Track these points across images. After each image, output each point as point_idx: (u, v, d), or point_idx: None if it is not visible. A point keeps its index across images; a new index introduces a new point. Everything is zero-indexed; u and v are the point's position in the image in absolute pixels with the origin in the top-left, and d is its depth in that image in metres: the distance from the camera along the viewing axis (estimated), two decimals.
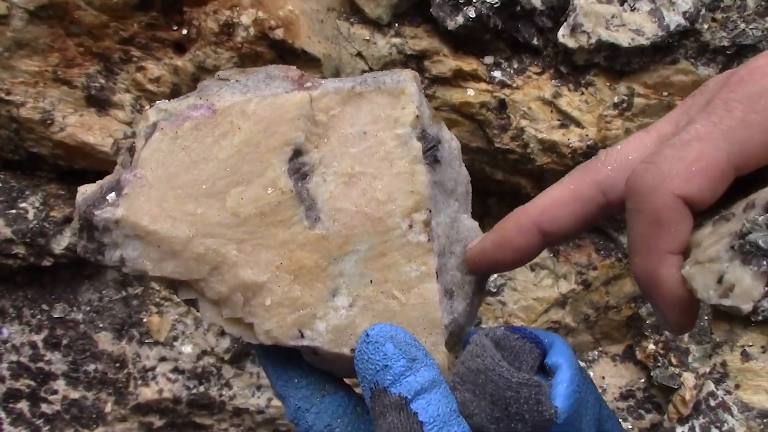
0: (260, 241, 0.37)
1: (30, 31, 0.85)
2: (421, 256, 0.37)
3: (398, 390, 0.32)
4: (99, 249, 0.38)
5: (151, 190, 0.37)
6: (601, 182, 0.35)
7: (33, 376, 0.94)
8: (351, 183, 0.37)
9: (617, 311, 1.07)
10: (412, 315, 0.37)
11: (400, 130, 0.37)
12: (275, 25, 0.86)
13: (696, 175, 0.30)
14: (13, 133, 0.89)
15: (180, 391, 0.95)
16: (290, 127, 0.37)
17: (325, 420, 0.38)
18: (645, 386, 1.08)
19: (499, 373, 0.33)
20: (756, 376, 1.04)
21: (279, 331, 0.37)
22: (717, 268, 0.30)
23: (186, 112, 0.37)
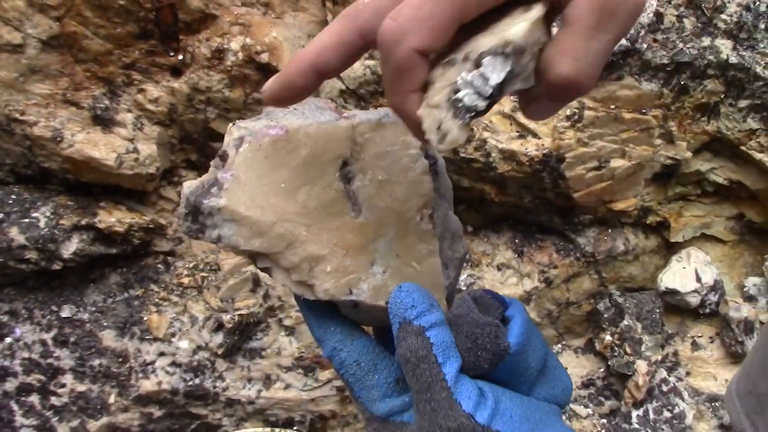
0: (322, 226, 0.49)
1: (42, 59, 0.95)
2: (429, 239, 0.50)
3: (419, 322, 0.45)
4: (201, 229, 0.49)
5: (245, 186, 0.49)
6: (360, 28, 0.42)
7: (43, 371, 1.03)
8: (381, 186, 0.50)
9: (577, 306, 1.17)
10: (424, 279, 0.50)
11: (412, 151, 0.50)
12: (261, 50, 0.96)
13: (427, 32, 0.38)
14: (26, 150, 0.99)
15: (177, 383, 1.04)
16: (341, 145, 0.50)
17: (354, 356, 0.50)
18: (604, 375, 1.17)
19: (471, 317, 0.46)
20: (705, 364, 1.14)
21: (335, 290, 0.49)
22: (438, 115, 0.39)
23: (264, 130, 0.50)
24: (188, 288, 1.07)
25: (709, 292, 1.13)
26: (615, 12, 0.38)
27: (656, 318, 1.12)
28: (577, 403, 1.15)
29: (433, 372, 0.44)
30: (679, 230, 1.15)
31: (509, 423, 0.44)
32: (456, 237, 0.53)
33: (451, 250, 0.52)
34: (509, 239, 1.15)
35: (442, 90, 0.39)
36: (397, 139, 0.50)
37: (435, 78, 0.40)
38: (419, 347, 0.44)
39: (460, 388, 0.43)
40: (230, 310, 1.06)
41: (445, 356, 0.44)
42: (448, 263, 0.52)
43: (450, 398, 0.43)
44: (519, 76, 0.38)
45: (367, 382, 0.50)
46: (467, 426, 0.42)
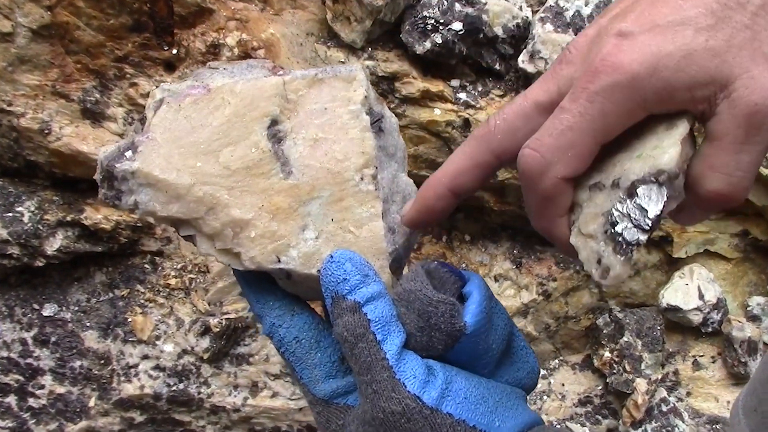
0: (246, 188, 0.47)
1: (32, 48, 0.93)
2: (370, 201, 0.47)
3: (353, 297, 0.42)
4: (117, 195, 0.47)
5: (160, 148, 0.46)
6: (494, 150, 0.43)
7: (22, 371, 1.00)
8: (315, 146, 0.47)
9: (576, 321, 1.14)
10: (364, 245, 0.47)
11: (353, 106, 0.47)
12: (257, 46, 0.94)
13: (572, 160, 0.39)
14: (12, 142, 0.96)
15: (161, 387, 1.01)
16: (268, 103, 0.47)
17: (294, 333, 0.48)
18: (602, 393, 1.13)
19: (424, 293, 0.42)
20: (706, 384, 1.10)
21: (261, 257, 0.46)
22: (596, 248, 0.38)
23: (186, 90, 0.48)
24: (175, 290, 1.04)
25: (712, 311, 1.09)
26: (763, 123, 0.36)
27: (657, 335, 1.09)
28: (573, 421, 1.12)
29: (372, 351, 0.40)
30: (682, 246, 1.12)
31: (463, 405, 0.40)
32: (407, 200, 0.50)
33: (400, 215, 0.49)
34: (508, 249, 1.11)
35: (596, 219, 0.38)
36: (336, 95, 0.48)
37: (581, 200, 0.40)
38: (355, 325, 0.41)
39: (403, 366, 0.40)
40: (218, 314, 1.03)
41: (385, 332, 0.41)
42: (395, 228, 0.48)
43: (392, 379, 0.40)
44: (672, 199, 0.37)
45: (309, 361, 0.47)
46: (413, 409, 0.39)
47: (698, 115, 0.37)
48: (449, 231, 1.12)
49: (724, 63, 0.36)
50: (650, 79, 0.37)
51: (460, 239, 1.12)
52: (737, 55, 0.36)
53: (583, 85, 0.38)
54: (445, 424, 0.39)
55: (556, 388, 1.14)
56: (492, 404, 0.42)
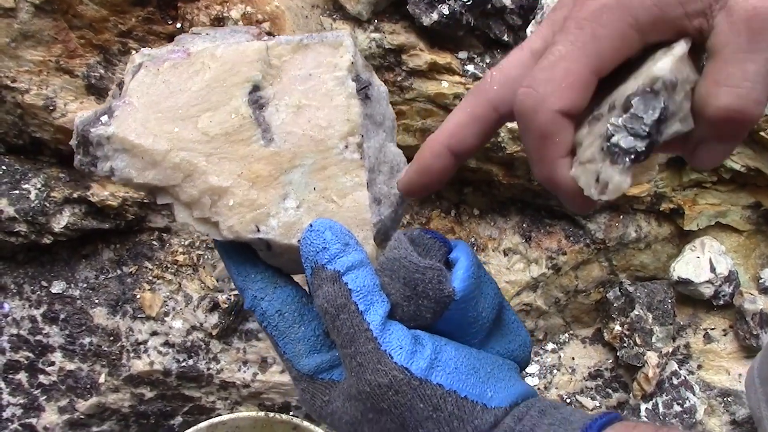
0: (225, 155, 0.45)
1: (35, 24, 0.92)
2: (354, 170, 0.45)
3: (333, 266, 0.40)
4: (92, 161, 0.45)
5: (137, 113, 0.45)
6: (492, 100, 0.41)
7: (32, 348, 1.00)
8: (299, 113, 0.45)
9: (586, 295, 1.13)
10: (347, 215, 0.45)
11: (339, 73, 0.45)
12: (262, 19, 0.92)
13: (566, 90, 0.36)
14: (17, 119, 0.96)
15: (170, 363, 1.01)
16: (250, 68, 0.45)
17: (276, 306, 0.46)
18: (612, 366, 1.13)
19: (409, 260, 0.40)
20: (717, 357, 1.10)
21: (240, 226, 0.45)
22: (593, 168, 0.36)
23: (166, 54, 0.46)
24: (183, 266, 1.04)
25: (724, 283, 1.08)
26: (764, 27, 0.33)
27: (668, 308, 1.08)
28: (584, 394, 1.11)
29: (355, 322, 0.39)
30: (693, 218, 1.11)
31: (454, 375, 0.39)
32: (395, 171, 0.48)
33: (387, 185, 0.47)
34: (517, 223, 1.11)
35: (593, 144, 0.36)
36: (322, 61, 0.46)
37: (582, 138, 0.37)
38: (336, 295, 0.40)
39: (389, 337, 0.39)
40: (226, 290, 1.02)
41: (368, 302, 0.39)
42: (381, 199, 0.47)
43: (377, 350, 0.38)
44: (675, 116, 0.35)
45: (292, 335, 0.45)
46: (401, 380, 0.37)
47: (696, 34, 0.35)
48: (457, 205, 1.11)
49: None
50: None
51: (469, 213, 1.11)
52: None
53: (573, 15, 0.37)
54: (435, 395, 0.38)
55: (566, 362, 1.13)
56: (483, 375, 0.40)
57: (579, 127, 0.38)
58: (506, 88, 0.40)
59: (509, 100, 0.39)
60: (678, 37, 0.36)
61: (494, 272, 1.08)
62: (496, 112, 0.41)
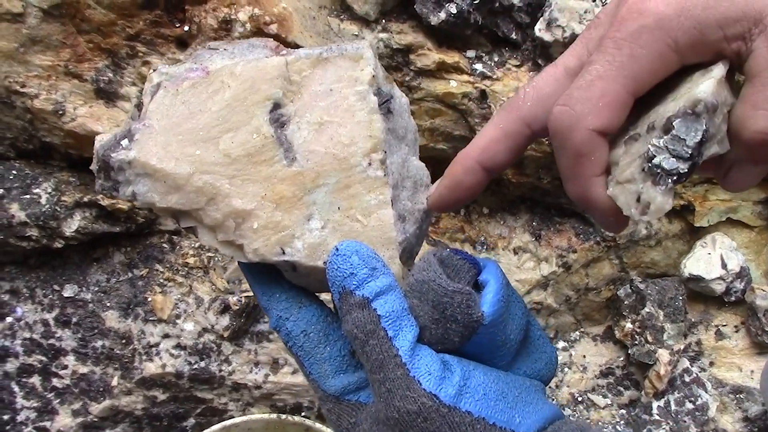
0: (248, 177, 0.44)
1: (44, 29, 0.92)
2: (378, 187, 0.44)
3: (362, 292, 0.40)
4: (114, 186, 0.45)
5: (158, 136, 0.44)
6: (525, 117, 0.41)
7: (45, 352, 1.00)
8: (321, 130, 0.45)
9: (597, 293, 1.13)
10: (372, 234, 0.45)
11: (360, 87, 0.45)
12: (270, 20, 0.92)
13: (603, 110, 0.37)
14: (27, 124, 0.96)
15: (182, 366, 1.01)
16: (270, 85, 0.44)
17: (302, 326, 0.46)
18: (624, 364, 1.13)
19: (438, 284, 0.40)
20: (729, 354, 1.09)
21: (265, 249, 0.44)
22: (634, 188, 0.36)
23: (184, 73, 0.45)
24: (194, 268, 1.04)
25: (735, 280, 1.08)
26: None
27: (679, 305, 1.08)
28: (595, 392, 1.11)
29: (384, 348, 0.38)
30: (704, 214, 1.10)
31: (482, 401, 0.38)
32: (419, 186, 0.47)
33: (411, 201, 0.47)
34: (527, 222, 1.10)
35: (632, 164, 0.36)
36: (342, 75, 0.45)
37: (617, 158, 0.38)
38: (365, 321, 0.39)
39: (418, 363, 0.38)
40: (237, 292, 1.03)
41: (396, 328, 0.39)
42: (406, 216, 0.46)
43: (406, 377, 0.38)
44: (714, 138, 0.35)
45: (318, 356, 0.45)
46: (430, 407, 0.37)
47: (733, 57, 0.35)
48: (467, 204, 1.11)
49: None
50: (679, 18, 0.35)
51: (478, 212, 1.11)
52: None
53: (610, 35, 0.37)
54: (464, 423, 0.37)
55: (577, 359, 1.13)
56: (512, 399, 0.40)
57: (614, 147, 0.38)
58: (540, 104, 0.40)
59: (542, 118, 0.40)
60: (716, 59, 0.36)
61: (505, 270, 1.08)
62: (528, 128, 0.41)
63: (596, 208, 0.39)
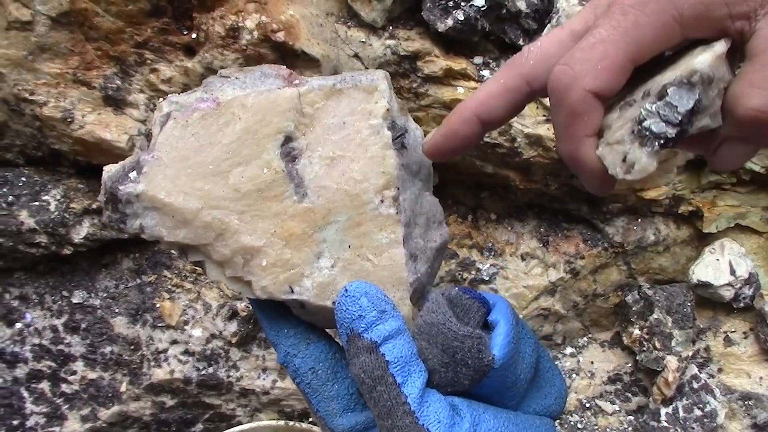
0: (257, 213, 0.44)
1: (52, 36, 0.92)
2: (390, 225, 0.44)
3: (370, 336, 0.39)
4: (122, 219, 0.45)
5: (167, 169, 0.43)
6: (526, 75, 0.41)
7: (54, 357, 1.01)
8: (332, 165, 0.44)
9: (605, 299, 1.12)
10: (383, 274, 0.44)
11: (374, 120, 0.44)
12: (277, 28, 0.92)
13: (601, 72, 0.37)
14: (36, 131, 0.97)
15: (190, 372, 1.02)
16: (282, 118, 0.44)
17: (309, 363, 0.45)
18: (632, 370, 1.12)
19: (448, 327, 0.39)
20: (738, 360, 1.09)
21: (273, 287, 0.44)
22: (622, 149, 0.37)
23: (194, 104, 0.44)
24: (202, 275, 1.04)
25: (744, 286, 1.08)
26: None
27: (687, 312, 1.08)
28: (603, 399, 1.11)
29: (392, 395, 0.38)
30: (712, 220, 1.10)
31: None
32: (432, 223, 0.47)
33: (423, 239, 0.46)
34: (534, 228, 1.10)
35: (623, 127, 0.37)
36: (356, 108, 0.44)
37: (611, 122, 0.38)
38: (373, 367, 0.39)
39: (427, 410, 0.38)
40: (244, 298, 1.03)
41: (405, 374, 0.38)
42: (417, 254, 0.45)
43: (415, 425, 0.37)
44: (706, 111, 0.36)
45: (326, 393, 0.45)
46: None
47: (737, 36, 0.36)
48: (474, 210, 1.11)
49: None
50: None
51: (486, 218, 1.10)
52: None
53: (619, 2, 0.37)
54: None
55: (585, 366, 1.13)
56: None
57: (608, 112, 0.39)
58: (542, 63, 0.41)
59: (543, 77, 0.40)
60: (718, 36, 0.36)
61: (512, 277, 1.08)
62: (528, 86, 0.41)
63: (584, 168, 0.39)
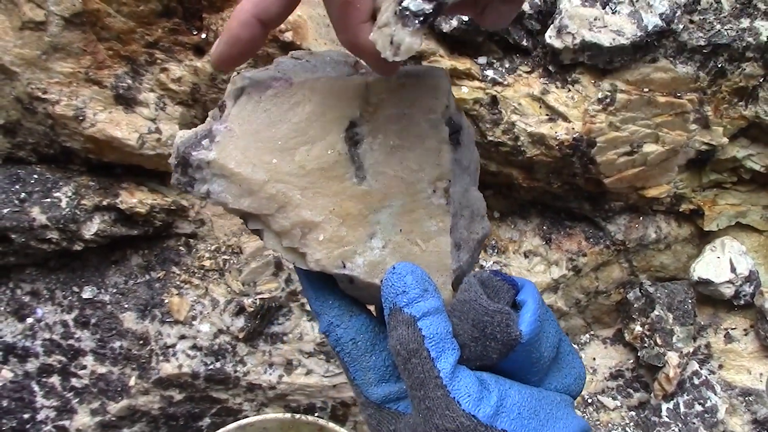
0: (319, 190, 0.46)
1: (65, 36, 0.94)
2: (440, 215, 0.46)
3: (410, 311, 0.41)
4: (190, 182, 0.47)
5: (238, 140, 0.46)
6: None
7: (64, 352, 1.03)
8: (392, 153, 0.46)
9: (607, 296, 1.14)
10: (429, 259, 0.46)
11: (433, 116, 0.46)
12: (285, 28, 0.94)
13: None
14: (48, 129, 0.98)
15: (198, 366, 1.03)
16: (349, 104, 0.46)
17: (351, 334, 0.47)
18: (633, 366, 1.14)
19: (480, 303, 0.42)
20: (739, 357, 1.10)
21: (327, 261, 0.46)
22: (388, 31, 0.38)
23: (268, 81, 0.46)
24: (210, 271, 1.06)
25: (744, 283, 1.09)
26: None
27: (688, 309, 1.09)
28: (605, 394, 1.12)
29: (426, 368, 0.40)
30: (713, 219, 1.11)
31: (517, 420, 0.40)
32: (476, 216, 0.49)
33: (467, 230, 0.48)
34: (537, 226, 1.12)
35: (387, 9, 0.38)
36: (418, 101, 0.46)
37: (381, 5, 0.39)
38: (409, 339, 0.41)
39: (458, 384, 0.40)
40: (252, 294, 1.05)
41: (439, 350, 0.41)
42: (461, 244, 0.47)
43: (447, 397, 0.39)
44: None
45: (364, 363, 0.47)
46: (468, 426, 0.39)
47: None
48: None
49: None
50: None
51: (489, 216, 1.12)
52: None
53: None
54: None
55: (587, 362, 1.14)
56: (543, 417, 0.42)
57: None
58: None
59: None
60: None
61: (515, 274, 1.09)
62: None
63: (364, 54, 0.40)
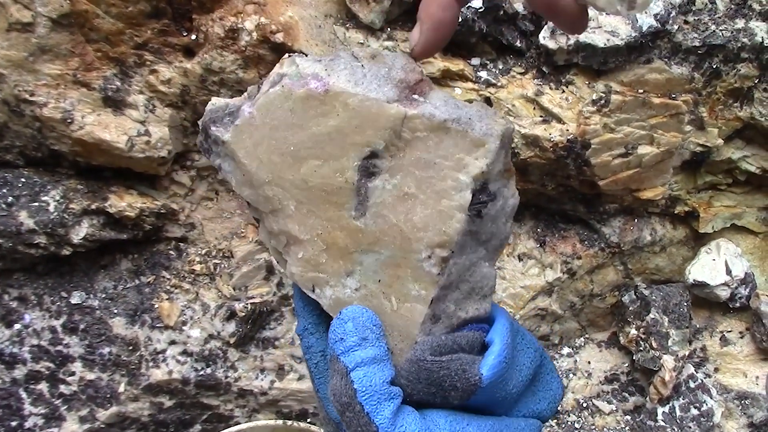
0: (313, 210, 0.44)
1: (53, 38, 0.93)
2: (426, 282, 0.42)
3: (344, 360, 0.40)
4: (208, 150, 0.47)
5: (255, 130, 0.44)
6: None
7: (52, 358, 1.01)
8: (402, 200, 0.42)
9: (601, 299, 1.13)
10: (396, 321, 0.43)
11: (463, 176, 0.40)
12: (276, 29, 0.93)
13: None
14: (36, 132, 0.97)
15: (188, 372, 1.02)
16: (377, 133, 0.42)
17: (321, 346, 0.46)
18: (628, 370, 1.13)
19: (426, 359, 0.40)
20: (734, 360, 1.09)
21: (299, 278, 0.45)
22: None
23: (308, 78, 0.43)
24: (200, 275, 1.05)
25: (740, 286, 1.08)
26: None
27: (684, 311, 1.08)
28: (600, 398, 1.11)
29: (361, 422, 0.38)
30: (708, 220, 1.11)
31: None
32: (475, 294, 0.44)
33: (456, 305, 0.43)
34: (531, 228, 1.11)
35: None
36: (454, 154, 0.41)
37: None
38: (342, 392, 0.39)
39: None
40: (243, 299, 1.03)
41: (373, 402, 0.38)
42: (441, 318, 0.43)
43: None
44: None
45: (328, 378, 0.44)
46: None
47: None
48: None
49: None
50: None
51: None
52: None
53: None
54: None
55: (582, 366, 1.13)
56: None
57: None
58: None
59: None
60: None
61: (509, 277, 1.08)
62: None
63: (561, 11, 0.38)
